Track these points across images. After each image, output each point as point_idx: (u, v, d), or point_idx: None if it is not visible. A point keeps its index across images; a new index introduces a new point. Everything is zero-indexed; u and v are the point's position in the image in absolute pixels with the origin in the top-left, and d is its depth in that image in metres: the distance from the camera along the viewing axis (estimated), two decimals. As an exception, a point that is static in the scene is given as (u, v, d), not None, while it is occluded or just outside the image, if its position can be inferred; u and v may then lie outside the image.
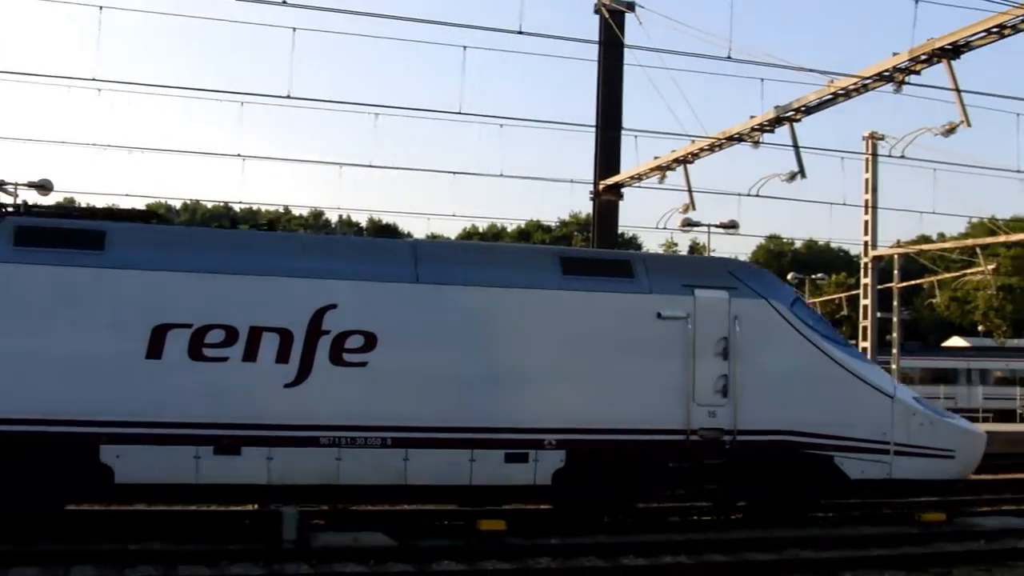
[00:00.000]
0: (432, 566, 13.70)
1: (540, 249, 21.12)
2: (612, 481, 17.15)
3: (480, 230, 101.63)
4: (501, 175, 29.69)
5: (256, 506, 17.13)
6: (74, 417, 14.90)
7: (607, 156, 26.58)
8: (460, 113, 21.02)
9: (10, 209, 16.61)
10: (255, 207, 75.24)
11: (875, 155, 37.12)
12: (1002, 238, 46.48)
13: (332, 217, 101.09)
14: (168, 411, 15.30)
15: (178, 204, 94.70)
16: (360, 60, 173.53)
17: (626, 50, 25.89)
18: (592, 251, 23.66)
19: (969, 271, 49.37)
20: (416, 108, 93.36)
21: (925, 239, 75.74)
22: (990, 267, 48.11)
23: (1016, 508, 20.59)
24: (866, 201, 37.85)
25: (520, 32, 17.53)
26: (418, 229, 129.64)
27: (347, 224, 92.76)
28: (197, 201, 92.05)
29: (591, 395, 16.97)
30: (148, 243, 15.97)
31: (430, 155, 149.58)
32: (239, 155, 31.49)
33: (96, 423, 14.99)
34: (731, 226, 39.89)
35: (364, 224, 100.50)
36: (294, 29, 21.28)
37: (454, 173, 48.46)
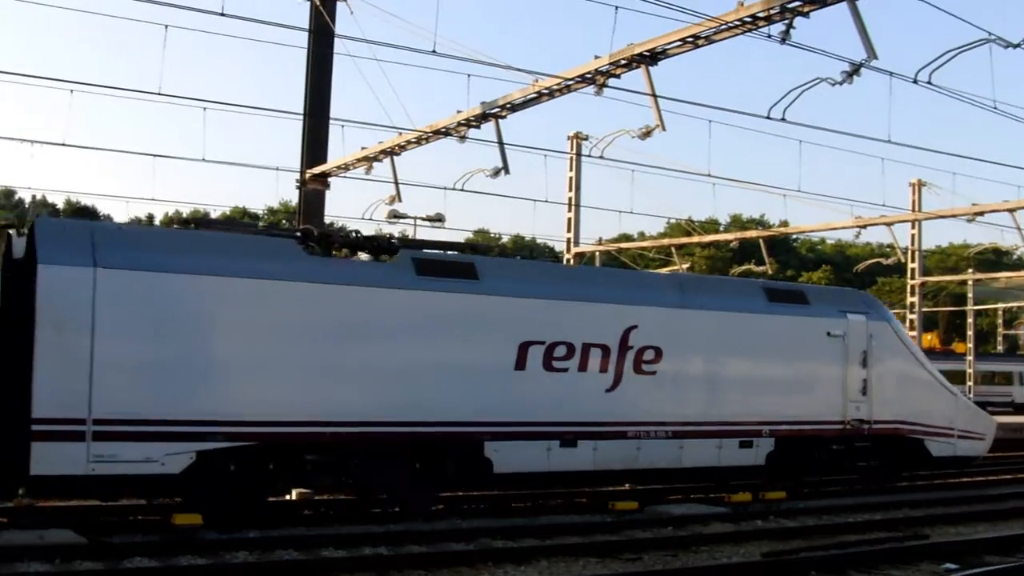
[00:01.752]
0: (123, 563, 13.19)
1: (752, 282, 26.15)
2: (801, 459, 22.17)
3: (184, 215, 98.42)
4: (204, 159, 28.54)
5: None
6: (466, 420, 18.12)
7: (314, 145, 26.19)
8: (160, 94, 20.16)
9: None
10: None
11: (579, 154, 38.18)
12: (696, 239, 48.84)
13: (25, 197, 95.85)
14: (529, 412, 18.77)
15: None
16: (57, 32, 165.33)
17: (336, 39, 25.60)
18: (783, 283, 28.31)
19: (665, 269, 51.57)
20: (114, 86, 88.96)
21: (626, 237, 78.75)
22: (685, 266, 50.37)
23: (703, 496, 21.65)
24: (569, 199, 38.87)
25: (222, 14, 16.95)
26: (118, 212, 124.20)
27: (41, 205, 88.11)
28: None
29: (788, 396, 22.02)
30: (509, 275, 19.49)
31: (130, 136, 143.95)
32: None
33: (481, 424, 18.28)
34: (437, 219, 40.33)
35: (61, 206, 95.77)
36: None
37: (155, 156, 46.56)
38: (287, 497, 19.54)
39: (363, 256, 18.53)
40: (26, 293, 15.03)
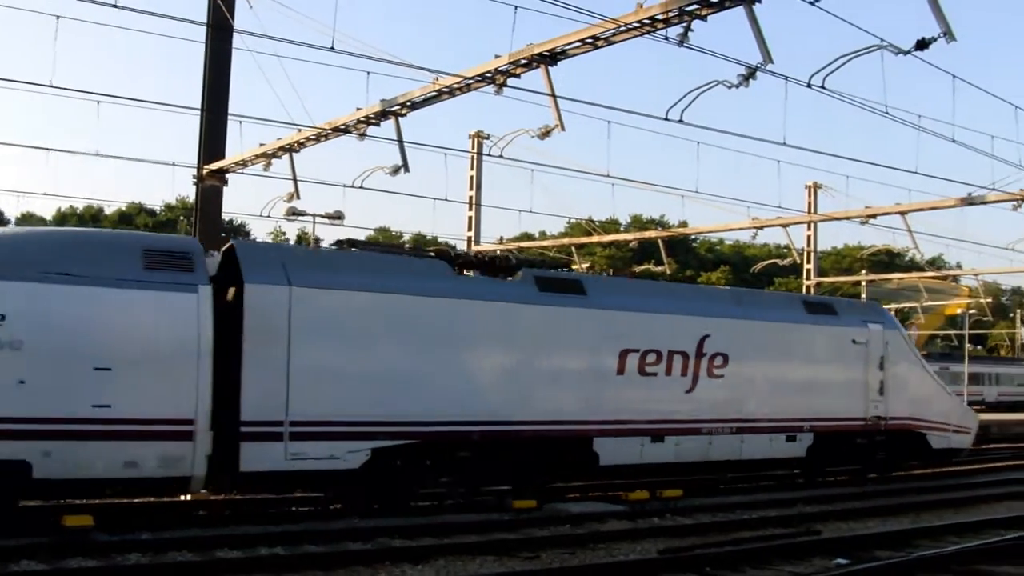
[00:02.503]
0: (10, 567, 12.85)
1: (792, 295, 30.57)
2: (834, 451, 25.07)
3: (78, 211, 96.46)
4: (98, 154, 27.98)
5: None
6: (579, 419, 20.59)
7: (212, 141, 25.84)
8: (51, 87, 19.69)
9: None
10: None
11: (480, 153, 38.20)
12: (596, 238, 49.19)
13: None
14: (627, 412, 21.24)
15: None
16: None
17: (235, 34, 25.26)
18: (816, 296, 31.86)
19: (566, 269, 51.75)
20: (5, 78, 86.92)
21: (528, 236, 78.93)
22: (585, 265, 50.69)
23: (601, 494, 21.78)
24: (470, 198, 38.88)
25: (115, 6, 16.59)
26: (9, 209, 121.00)
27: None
28: None
29: (824, 396, 24.90)
30: (610, 290, 22.16)
31: (22, 130, 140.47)
32: None
33: (590, 422, 20.74)
34: (336, 217, 40.15)
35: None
36: None
37: (47, 150, 45.57)
38: (182, 497, 19.30)
39: (469, 273, 20.80)
40: (231, 309, 17.11)
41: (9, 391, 15.09)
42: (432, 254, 20.99)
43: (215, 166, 25.64)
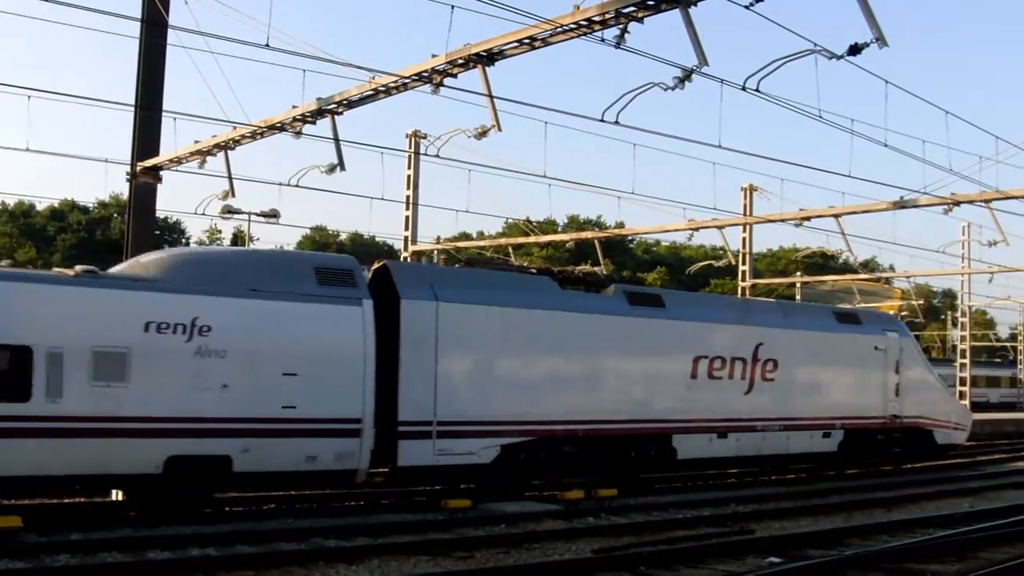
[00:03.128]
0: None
1: (824, 307, 33.98)
2: (858, 446, 28.23)
3: (9, 207, 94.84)
4: (28, 150, 27.47)
5: None
6: (660, 418, 23.59)
7: (146, 137, 25.49)
8: (-19, 82, 19.32)
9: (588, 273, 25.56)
10: None
11: (418, 153, 38.02)
12: (533, 239, 49.27)
13: None
14: (699, 411, 24.28)
15: None
16: None
17: (170, 30, 24.95)
18: (843, 308, 35.76)
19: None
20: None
21: (466, 236, 78.91)
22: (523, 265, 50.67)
23: (537, 494, 21.79)
24: (408, 197, 38.72)
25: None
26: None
27: None
28: None
29: (852, 396, 28.11)
30: (684, 303, 25.66)
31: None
32: None
33: (670, 421, 23.74)
34: (272, 215, 39.93)
35: None
36: None
37: (-28, 144, 44.76)
38: (114, 497, 19.10)
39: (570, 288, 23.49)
40: (387, 321, 19.41)
41: (215, 394, 17.37)
42: (534, 271, 24.43)
43: (149, 163, 25.34)
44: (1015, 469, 31.37)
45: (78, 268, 17.46)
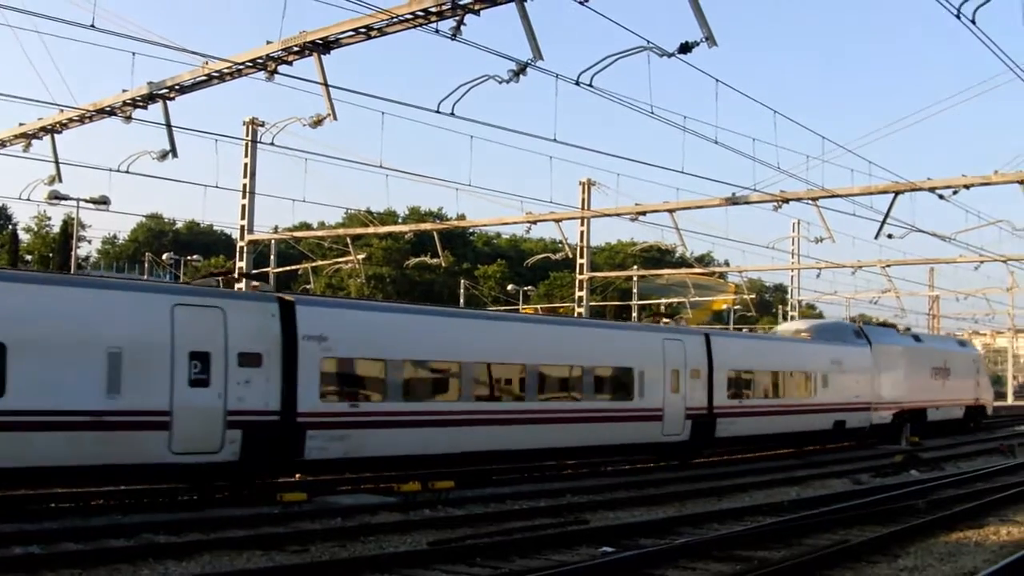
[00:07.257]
0: None
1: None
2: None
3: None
4: None
5: None
6: (949, 398, 45.20)
7: (-34, 121, 24.63)
8: None
9: None
10: None
11: (254, 141, 37.44)
12: (372, 229, 49.00)
13: None
14: (943, 398, 44.77)
15: None
16: None
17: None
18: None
19: (342, 260, 51.40)
20: None
21: (306, 226, 78.03)
22: (360, 256, 50.40)
23: (373, 487, 21.64)
24: (244, 185, 38.11)
25: None
26: None
27: None
28: None
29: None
30: (886, 337, 40.44)
31: None
32: None
33: (928, 401, 42.70)
34: (102, 201, 38.86)
35: None
36: None
37: None
38: None
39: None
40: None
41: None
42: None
43: (-30, 147, 24.38)
44: (837, 459, 32.27)
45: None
